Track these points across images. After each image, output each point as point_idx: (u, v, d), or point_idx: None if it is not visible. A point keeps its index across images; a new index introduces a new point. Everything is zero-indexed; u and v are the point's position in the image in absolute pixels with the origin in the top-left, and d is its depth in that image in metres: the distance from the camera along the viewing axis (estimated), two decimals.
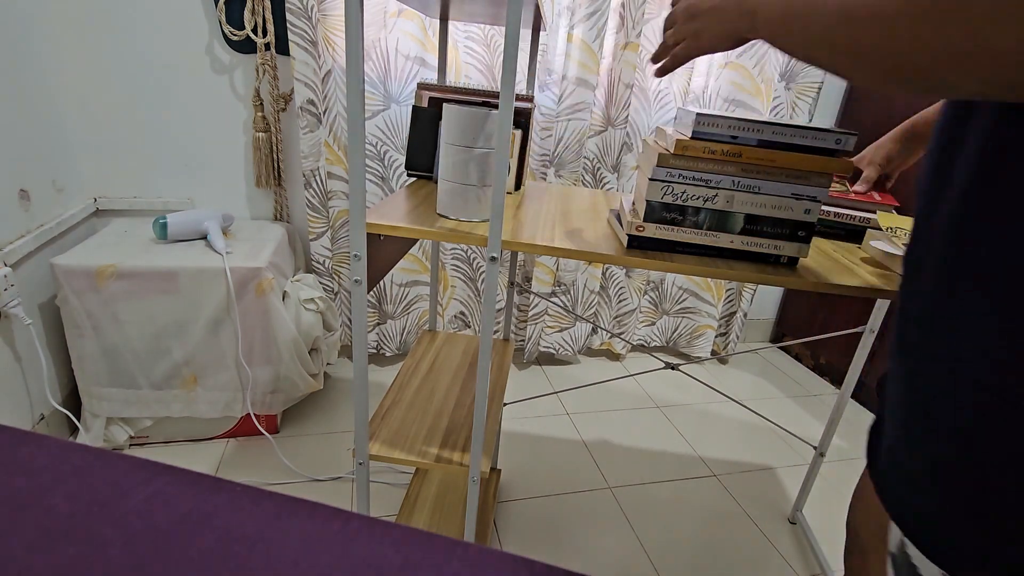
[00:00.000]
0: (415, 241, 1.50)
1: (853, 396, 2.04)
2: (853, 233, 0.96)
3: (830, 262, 0.79)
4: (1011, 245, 0.36)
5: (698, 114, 0.67)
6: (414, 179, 1.00)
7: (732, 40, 0.57)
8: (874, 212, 0.95)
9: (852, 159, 0.96)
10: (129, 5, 1.42)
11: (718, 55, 1.82)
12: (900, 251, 0.81)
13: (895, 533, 0.48)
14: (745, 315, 2.18)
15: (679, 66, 0.66)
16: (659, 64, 0.69)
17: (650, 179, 0.70)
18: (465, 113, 0.71)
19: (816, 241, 0.93)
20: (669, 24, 0.65)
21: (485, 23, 1.14)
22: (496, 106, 0.93)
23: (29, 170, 1.31)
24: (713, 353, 2.27)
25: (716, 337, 2.25)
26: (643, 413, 1.83)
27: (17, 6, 1.28)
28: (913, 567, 0.45)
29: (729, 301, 2.18)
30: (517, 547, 1.26)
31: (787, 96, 1.87)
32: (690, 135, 0.69)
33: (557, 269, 1.94)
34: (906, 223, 0.88)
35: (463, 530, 1.15)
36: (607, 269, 2.02)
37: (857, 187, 0.97)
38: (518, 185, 0.98)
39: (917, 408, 0.44)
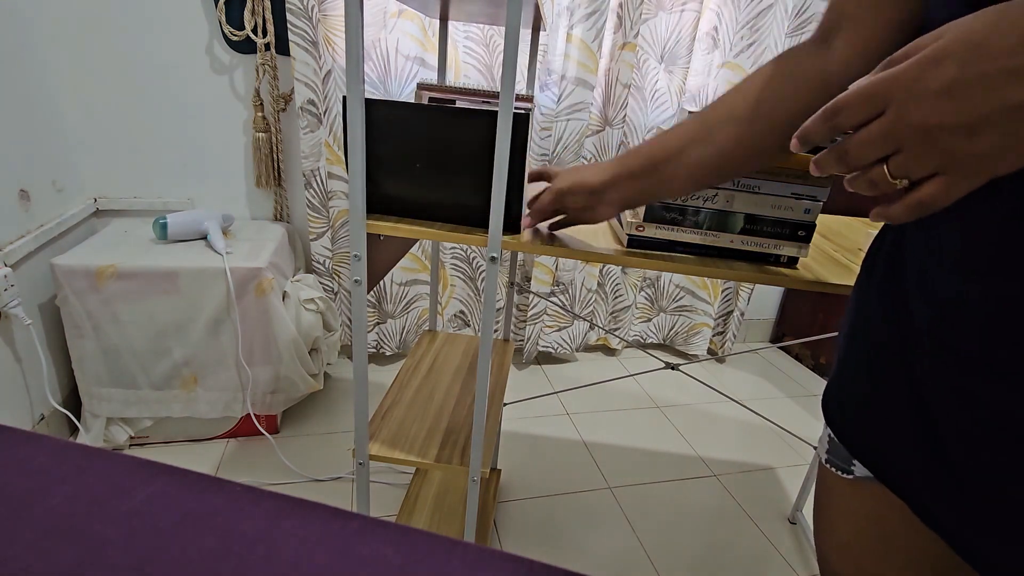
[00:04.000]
0: (415, 241, 1.49)
1: None
2: None
3: (830, 262, 0.79)
4: None
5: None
6: None
7: None
8: None
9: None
10: (129, 5, 1.42)
11: (715, 55, 1.82)
12: None
13: None
14: (743, 314, 2.18)
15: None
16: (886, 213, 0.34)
17: None
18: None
19: (816, 241, 0.93)
20: (880, 140, 0.32)
21: (485, 23, 1.14)
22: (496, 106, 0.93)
23: (29, 170, 1.31)
24: (711, 351, 2.27)
25: (713, 336, 2.25)
26: (643, 413, 1.83)
27: (17, 6, 1.28)
28: None
29: (726, 300, 2.18)
30: (517, 547, 1.26)
31: None
32: None
33: (556, 269, 1.94)
34: None
35: (463, 530, 1.15)
36: (604, 266, 2.02)
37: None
38: None
39: None
